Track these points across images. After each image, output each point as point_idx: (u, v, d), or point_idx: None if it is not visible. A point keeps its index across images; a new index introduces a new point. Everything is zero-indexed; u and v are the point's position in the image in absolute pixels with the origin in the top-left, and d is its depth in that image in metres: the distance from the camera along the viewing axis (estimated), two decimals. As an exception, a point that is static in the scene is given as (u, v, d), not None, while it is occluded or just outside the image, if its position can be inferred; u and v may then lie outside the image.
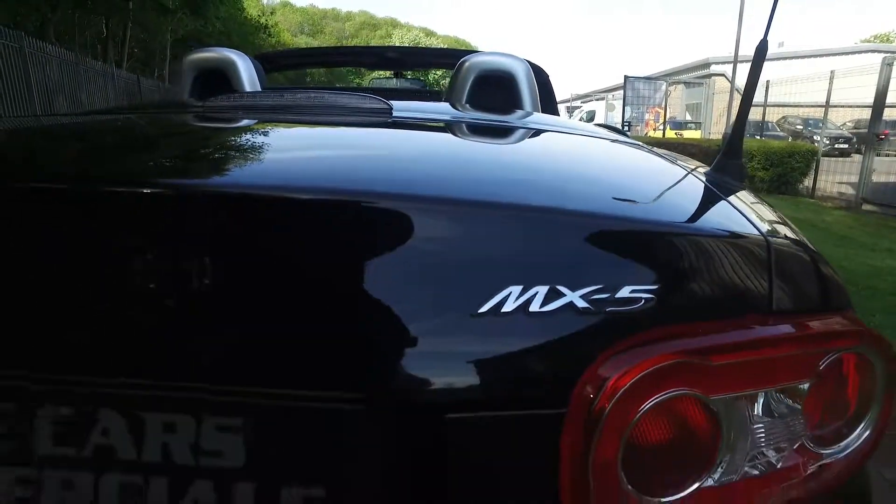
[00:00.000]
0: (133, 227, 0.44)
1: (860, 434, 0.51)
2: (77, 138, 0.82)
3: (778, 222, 0.60)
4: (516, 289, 0.42)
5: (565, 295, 0.43)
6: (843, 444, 0.51)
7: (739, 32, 14.71)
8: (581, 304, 0.43)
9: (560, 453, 0.43)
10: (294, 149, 0.71)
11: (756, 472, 0.47)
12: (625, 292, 0.44)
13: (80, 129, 0.92)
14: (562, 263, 0.44)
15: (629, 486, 0.43)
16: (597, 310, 0.43)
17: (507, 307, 0.42)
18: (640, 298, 0.44)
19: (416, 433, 0.44)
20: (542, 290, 0.43)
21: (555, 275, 0.43)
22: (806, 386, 0.48)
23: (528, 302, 0.42)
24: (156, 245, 0.44)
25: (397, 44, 76.85)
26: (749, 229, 0.51)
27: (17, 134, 0.85)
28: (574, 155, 0.82)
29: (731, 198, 0.61)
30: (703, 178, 0.71)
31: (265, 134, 0.83)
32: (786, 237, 0.55)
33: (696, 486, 0.45)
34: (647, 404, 0.42)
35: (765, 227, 0.54)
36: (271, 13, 32.88)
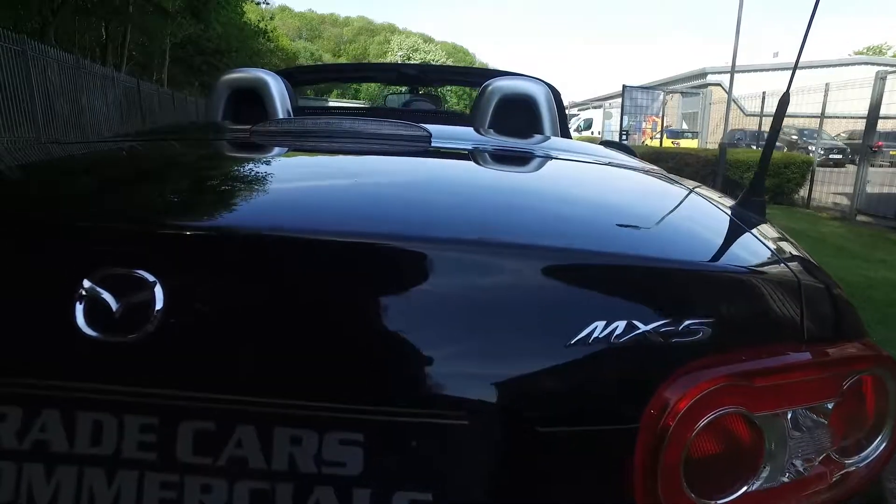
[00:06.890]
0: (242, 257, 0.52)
1: (878, 446, 0.59)
2: (140, 168, 0.90)
3: (803, 259, 0.69)
4: (601, 323, 0.51)
5: (639, 328, 0.51)
6: (863, 454, 0.59)
7: (737, 43, 14.90)
8: (652, 335, 0.51)
9: (633, 461, 0.51)
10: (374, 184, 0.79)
11: (791, 479, 0.55)
12: (685, 325, 0.52)
13: (136, 157, 0.99)
14: (636, 302, 0.53)
15: (689, 490, 0.51)
16: (664, 340, 0.51)
17: (594, 337, 0.50)
18: (698, 330, 0.52)
19: (512, 445, 0.51)
20: (622, 324, 0.51)
21: (631, 311, 0.52)
22: (832, 404, 0.56)
23: (611, 334, 0.51)
24: (266, 276, 0.52)
25: (396, 49, 77.22)
26: (782, 268, 0.60)
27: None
28: (619, 196, 0.91)
29: (763, 238, 0.70)
30: (737, 219, 0.79)
31: (330, 165, 0.91)
32: (813, 274, 0.63)
33: (743, 490, 0.53)
34: (703, 421, 0.50)
35: (795, 266, 0.62)
36: (270, 18, 33.00)
